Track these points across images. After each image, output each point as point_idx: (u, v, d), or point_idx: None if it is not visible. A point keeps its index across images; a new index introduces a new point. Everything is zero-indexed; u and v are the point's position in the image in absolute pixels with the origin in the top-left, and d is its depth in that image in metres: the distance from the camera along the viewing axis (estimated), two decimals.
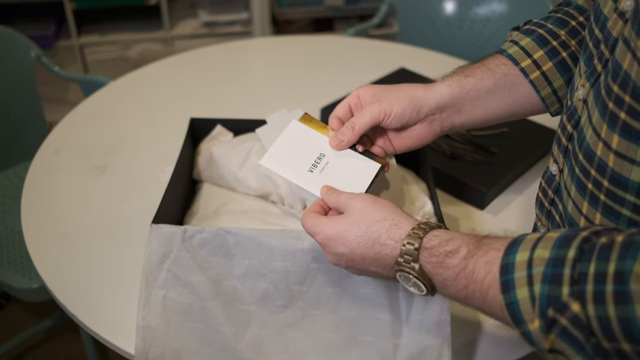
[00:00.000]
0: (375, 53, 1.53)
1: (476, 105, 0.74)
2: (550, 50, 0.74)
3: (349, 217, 0.62)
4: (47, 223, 0.97)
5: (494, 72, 0.74)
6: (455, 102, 0.73)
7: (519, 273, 0.49)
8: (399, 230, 0.59)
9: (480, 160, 1.05)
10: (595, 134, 0.55)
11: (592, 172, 0.56)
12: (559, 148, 0.65)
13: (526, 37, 0.76)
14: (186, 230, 0.73)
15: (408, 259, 0.57)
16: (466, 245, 0.54)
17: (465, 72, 0.74)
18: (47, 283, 0.86)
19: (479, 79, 0.74)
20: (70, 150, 1.14)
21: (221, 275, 0.73)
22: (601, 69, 0.57)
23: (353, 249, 0.60)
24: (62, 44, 2.38)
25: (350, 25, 2.58)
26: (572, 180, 0.60)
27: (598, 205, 0.56)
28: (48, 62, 1.52)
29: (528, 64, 0.74)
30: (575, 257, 0.45)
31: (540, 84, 0.74)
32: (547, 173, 0.68)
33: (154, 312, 0.73)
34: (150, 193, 0.98)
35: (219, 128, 0.99)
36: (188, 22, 2.52)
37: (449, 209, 1.00)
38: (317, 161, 0.72)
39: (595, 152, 0.55)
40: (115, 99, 1.33)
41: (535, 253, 0.48)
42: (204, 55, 1.52)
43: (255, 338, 0.73)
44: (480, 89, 0.73)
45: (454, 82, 0.73)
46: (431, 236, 0.57)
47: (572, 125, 0.62)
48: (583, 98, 0.60)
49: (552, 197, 0.67)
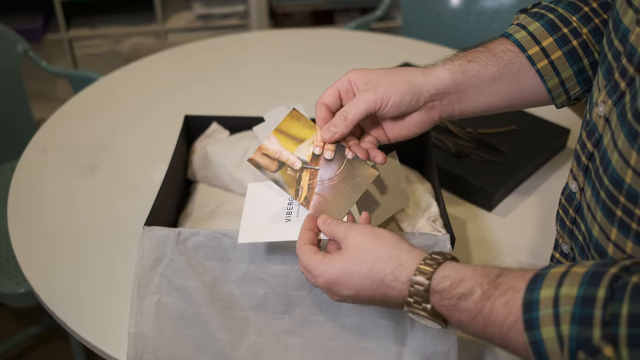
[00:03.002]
0: (377, 47, 1.53)
1: (478, 93, 0.71)
2: (560, 38, 0.71)
3: (349, 255, 0.59)
4: (34, 225, 0.97)
5: (499, 59, 0.72)
6: (456, 89, 0.70)
7: (545, 311, 0.48)
8: (405, 271, 0.57)
9: (488, 159, 1.05)
10: (622, 159, 0.54)
11: (622, 199, 0.54)
12: (579, 166, 0.63)
13: (535, 21, 0.73)
14: (180, 233, 0.73)
15: (418, 300, 0.56)
16: (480, 286, 0.52)
17: (468, 56, 0.72)
18: (34, 288, 0.86)
19: (482, 65, 0.71)
20: (58, 149, 1.14)
21: (217, 279, 0.73)
22: (625, 87, 0.55)
23: (359, 292, 0.59)
24: (50, 37, 2.37)
25: (351, 18, 2.58)
26: (598, 204, 0.58)
27: (629, 234, 0.54)
28: (35, 57, 1.52)
29: (536, 52, 0.71)
30: (606, 297, 0.45)
31: (548, 74, 0.72)
32: (567, 190, 0.67)
33: (147, 319, 0.73)
34: (143, 194, 0.97)
35: (214, 126, 0.99)
36: (182, 15, 2.52)
37: (455, 210, 0.99)
38: (289, 209, 0.70)
39: (624, 179, 0.54)
40: (105, 95, 1.33)
41: (562, 290, 0.47)
42: (199, 49, 1.52)
43: (253, 345, 0.73)
44: (483, 76, 0.71)
45: (456, 67, 0.70)
46: (440, 278, 0.54)
47: (592, 144, 0.60)
48: (605, 116, 0.58)
49: (574, 217, 0.65)
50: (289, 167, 0.70)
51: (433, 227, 0.83)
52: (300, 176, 0.69)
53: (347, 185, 0.68)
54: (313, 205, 0.68)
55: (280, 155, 0.70)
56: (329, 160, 0.69)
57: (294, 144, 0.70)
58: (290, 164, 0.70)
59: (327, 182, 0.69)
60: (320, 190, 0.68)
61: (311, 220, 0.66)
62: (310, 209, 0.68)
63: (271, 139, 0.71)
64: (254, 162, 0.70)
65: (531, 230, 0.96)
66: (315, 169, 0.69)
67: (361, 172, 0.69)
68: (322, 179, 0.69)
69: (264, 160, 0.70)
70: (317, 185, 0.69)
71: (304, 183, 0.69)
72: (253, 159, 0.70)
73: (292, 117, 0.72)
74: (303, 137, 0.71)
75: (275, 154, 0.70)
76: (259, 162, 0.70)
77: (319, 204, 0.68)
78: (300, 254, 0.62)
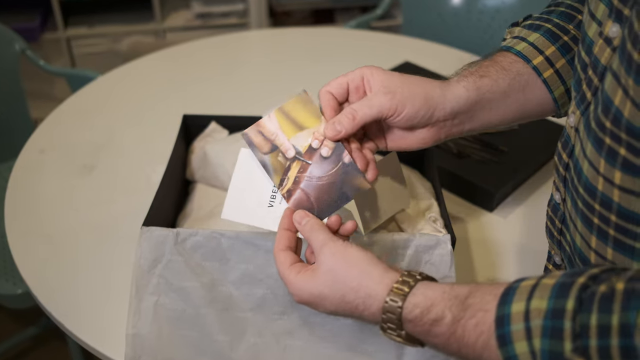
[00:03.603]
0: (378, 46, 1.53)
1: (489, 110, 0.70)
2: (562, 46, 0.71)
3: (321, 280, 0.59)
4: (31, 225, 0.97)
5: (509, 72, 0.70)
6: (469, 108, 0.68)
7: (516, 326, 0.48)
8: (375, 302, 0.56)
9: (489, 159, 1.05)
10: (592, 168, 0.55)
11: (597, 206, 0.55)
12: (559, 177, 0.64)
13: (533, 32, 0.73)
14: (179, 233, 0.73)
15: (392, 327, 0.56)
16: (449, 310, 0.52)
17: (480, 71, 0.70)
18: (31, 288, 0.86)
19: (494, 79, 0.69)
20: (56, 149, 1.14)
21: (216, 280, 0.73)
22: (591, 97, 0.56)
23: (335, 311, 0.59)
24: (48, 36, 2.37)
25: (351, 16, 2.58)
26: (577, 213, 0.59)
27: (608, 240, 0.55)
28: (33, 56, 1.52)
29: (540, 61, 0.71)
30: (575, 308, 0.45)
31: (554, 83, 0.71)
32: (552, 201, 0.67)
33: (145, 320, 0.73)
34: (141, 194, 0.97)
35: (213, 125, 0.99)
36: (180, 14, 2.52)
37: (456, 210, 1.00)
38: (275, 190, 0.67)
39: (596, 186, 0.55)
40: (103, 94, 1.33)
41: (532, 304, 0.48)
42: (198, 48, 1.52)
43: (252, 347, 0.73)
44: (495, 91, 0.69)
45: (470, 84, 0.68)
46: (411, 306, 0.54)
47: (567, 154, 0.61)
48: (574, 126, 0.59)
49: (560, 227, 0.66)
50: (281, 153, 0.66)
51: (434, 228, 0.83)
52: (289, 166, 0.66)
53: (334, 190, 0.66)
54: (294, 200, 0.65)
55: (275, 138, 0.66)
56: (324, 158, 0.66)
57: (293, 130, 0.66)
58: (284, 150, 0.66)
59: (315, 180, 0.66)
60: (306, 187, 0.66)
61: (288, 218, 0.64)
62: (289, 203, 0.65)
63: (271, 118, 0.66)
64: (247, 138, 0.66)
65: (532, 231, 0.96)
66: (308, 162, 0.66)
67: (352, 181, 0.65)
68: (312, 175, 0.66)
69: (257, 139, 0.66)
70: (304, 180, 0.66)
71: (291, 174, 0.66)
72: (247, 134, 0.66)
73: (299, 101, 0.66)
74: (305, 124, 0.66)
75: (270, 135, 0.66)
76: (252, 139, 0.66)
77: (300, 200, 0.65)
78: (276, 262, 0.62)
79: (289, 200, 0.65)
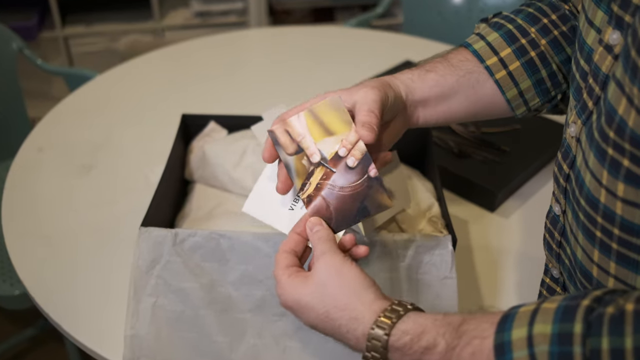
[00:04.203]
0: (378, 45, 1.53)
1: (440, 103, 0.71)
2: (518, 49, 0.72)
3: (311, 289, 0.57)
4: (29, 226, 0.97)
5: (457, 68, 0.72)
6: (420, 96, 0.70)
7: (519, 352, 0.46)
8: (360, 326, 0.54)
9: (490, 159, 1.05)
10: (595, 179, 0.53)
11: (599, 219, 0.54)
12: (559, 188, 0.63)
13: (494, 31, 0.74)
14: (177, 234, 0.73)
15: (376, 356, 0.53)
16: (442, 337, 0.50)
17: (426, 66, 0.72)
18: (29, 289, 0.86)
19: (441, 75, 0.71)
20: (54, 149, 1.14)
21: (215, 281, 0.73)
22: (593, 106, 0.55)
23: (315, 326, 0.58)
24: (45, 35, 2.37)
25: (352, 15, 2.58)
26: (578, 226, 0.58)
27: (611, 254, 0.54)
28: (30, 55, 1.52)
29: (494, 62, 0.72)
30: (583, 331, 0.43)
31: (507, 84, 0.72)
32: (551, 213, 0.66)
33: (143, 321, 0.73)
34: (139, 194, 0.97)
35: (212, 125, 0.99)
36: (179, 12, 2.52)
37: (457, 210, 1.00)
38: (298, 194, 0.65)
39: (598, 199, 0.53)
40: (102, 93, 1.33)
41: (535, 329, 0.46)
42: (197, 47, 1.52)
43: (251, 348, 0.73)
44: (442, 85, 0.71)
45: (415, 76, 0.70)
46: (400, 333, 0.52)
47: (568, 165, 0.60)
48: (576, 136, 0.58)
49: (560, 240, 0.65)
50: (306, 156, 0.64)
51: (434, 228, 0.83)
52: (313, 171, 0.64)
53: (355, 203, 0.63)
54: (313, 206, 0.64)
55: (302, 140, 0.64)
56: (350, 168, 0.63)
57: (321, 134, 0.64)
58: (309, 154, 0.64)
59: (337, 189, 0.63)
60: (327, 195, 0.63)
61: (304, 223, 0.64)
62: (308, 209, 0.64)
63: (300, 119, 0.64)
64: (273, 136, 0.64)
65: (534, 231, 0.96)
66: (332, 170, 0.64)
67: (376, 196, 0.63)
68: (334, 184, 0.63)
69: (283, 138, 0.64)
70: (325, 187, 0.63)
71: (313, 179, 0.64)
72: (274, 132, 0.64)
73: (330, 104, 0.64)
74: (334, 130, 0.64)
75: (297, 137, 0.64)
76: (279, 138, 0.64)
77: (319, 208, 0.64)
78: (275, 262, 0.61)
79: (308, 206, 0.64)
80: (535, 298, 0.71)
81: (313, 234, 0.62)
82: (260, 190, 0.69)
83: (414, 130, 0.95)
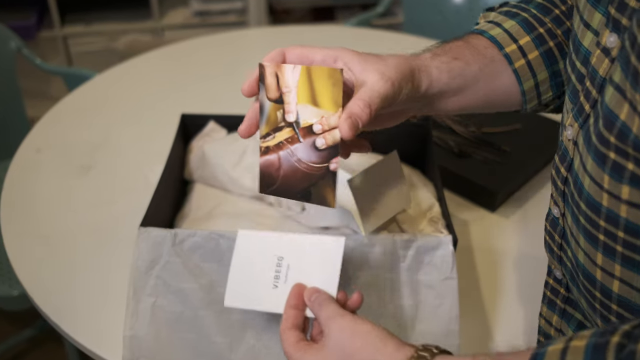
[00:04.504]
0: (379, 44, 1.53)
1: (456, 96, 0.67)
2: (537, 37, 0.68)
3: (330, 355, 0.56)
4: (28, 226, 0.97)
5: (482, 56, 0.67)
6: (440, 89, 0.65)
7: None
8: None
9: (491, 158, 1.05)
10: (595, 183, 0.53)
11: (602, 223, 0.53)
12: (557, 190, 0.62)
13: (509, 19, 0.70)
14: (177, 234, 0.73)
15: None
16: None
17: (454, 51, 0.67)
18: (28, 290, 0.86)
19: (466, 62, 0.66)
20: (52, 149, 1.14)
21: (214, 282, 0.73)
22: (590, 109, 0.54)
23: None
24: (44, 34, 2.37)
25: (352, 14, 2.58)
26: (579, 229, 0.57)
27: (616, 257, 0.53)
28: (29, 54, 1.52)
29: (513, 50, 0.68)
30: None
31: (525, 74, 0.68)
32: (550, 216, 0.65)
33: (142, 321, 0.73)
34: (139, 194, 0.97)
35: (212, 124, 0.99)
36: (179, 12, 2.52)
37: (458, 211, 1.00)
38: (277, 270, 0.65)
39: (600, 202, 0.52)
40: (101, 93, 1.33)
41: None
42: (196, 46, 1.52)
43: (251, 349, 0.73)
44: (466, 75, 0.66)
45: (443, 65, 0.65)
46: None
47: (565, 168, 0.59)
48: (573, 139, 0.57)
49: (560, 243, 0.64)
50: (282, 109, 0.60)
51: (435, 229, 0.83)
52: (282, 127, 0.60)
53: (303, 182, 0.61)
54: (266, 160, 0.61)
55: (287, 93, 0.60)
56: (315, 148, 0.60)
57: (307, 98, 0.59)
58: (287, 110, 0.60)
59: (294, 158, 0.60)
60: (283, 157, 0.61)
61: (297, 295, 0.62)
62: (261, 160, 0.61)
63: (294, 71, 0.60)
64: (262, 72, 0.60)
65: (535, 231, 0.96)
66: (299, 139, 0.60)
67: (323, 190, 0.61)
68: (294, 152, 0.60)
69: (271, 79, 0.60)
70: (285, 149, 0.61)
71: (279, 135, 0.61)
72: (264, 68, 0.60)
73: (329, 74, 0.58)
74: (320, 102, 0.59)
75: (284, 87, 0.60)
76: (266, 78, 0.60)
77: (270, 164, 0.61)
78: (282, 341, 0.60)
79: (261, 157, 0.61)
80: (537, 298, 0.71)
81: (312, 302, 0.61)
82: (236, 279, 0.67)
83: (414, 130, 0.95)
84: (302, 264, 0.65)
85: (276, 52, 0.62)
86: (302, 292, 0.63)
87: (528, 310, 0.83)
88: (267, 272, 0.66)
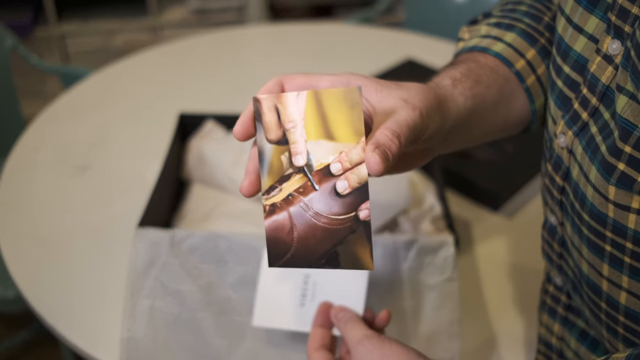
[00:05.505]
0: (379, 42, 1.53)
1: (476, 125, 0.59)
2: (541, 50, 0.63)
3: None
4: (24, 227, 0.97)
5: (497, 75, 0.60)
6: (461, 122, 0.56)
7: None
8: None
9: (493, 158, 1.05)
10: (599, 195, 0.51)
11: (608, 234, 0.52)
12: (552, 200, 0.60)
13: (507, 31, 0.64)
14: (175, 235, 0.73)
15: None
16: None
17: (473, 73, 0.59)
18: (23, 292, 0.86)
19: (486, 86, 0.59)
20: (48, 148, 1.14)
21: (213, 283, 0.73)
22: (588, 118, 0.53)
23: None
24: (40, 32, 2.37)
25: (352, 12, 2.58)
26: (582, 240, 0.56)
27: (624, 268, 0.52)
28: (25, 52, 1.52)
29: (523, 66, 0.62)
30: None
31: (536, 92, 0.63)
32: (547, 224, 0.63)
33: (140, 323, 0.73)
34: (136, 194, 0.98)
35: (210, 124, 0.99)
36: (176, 9, 2.52)
37: (460, 211, 1.00)
38: (304, 288, 0.65)
39: (606, 214, 0.51)
40: (97, 92, 1.33)
41: None
42: (194, 45, 1.52)
43: (250, 352, 0.73)
44: (487, 101, 0.59)
45: (466, 91, 0.57)
46: None
47: (561, 177, 0.58)
48: (567, 147, 0.55)
49: (560, 252, 0.63)
50: (288, 152, 0.48)
51: (437, 228, 0.84)
52: (290, 175, 0.48)
53: (326, 242, 0.47)
54: (273, 222, 0.48)
55: (291, 129, 0.47)
56: (336, 195, 0.47)
57: (318, 131, 0.47)
58: (293, 152, 0.47)
59: (311, 213, 0.47)
60: (295, 215, 0.47)
61: (323, 313, 0.62)
62: (266, 223, 0.48)
63: (299, 99, 0.47)
64: (257, 107, 0.48)
65: (537, 232, 0.96)
66: (314, 186, 0.47)
67: (354, 248, 0.47)
68: (309, 205, 0.47)
69: (270, 116, 0.48)
70: (297, 204, 0.47)
71: (287, 186, 0.48)
72: (260, 102, 0.48)
73: (344, 96, 0.46)
74: (335, 133, 0.47)
75: (287, 122, 0.47)
76: (264, 114, 0.48)
77: (278, 226, 0.48)
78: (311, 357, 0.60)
79: (267, 217, 0.48)
80: (538, 300, 0.71)
81: (339, 320, 0.61)
82: (263, 298, 0.68)
83: None
84: (328, 282, 0.66)
85: (272, 82, 0.51)
86: (329, 310, 0.63)
87: (530, 310, 0.83)
88: (294, 290, 0.67)
